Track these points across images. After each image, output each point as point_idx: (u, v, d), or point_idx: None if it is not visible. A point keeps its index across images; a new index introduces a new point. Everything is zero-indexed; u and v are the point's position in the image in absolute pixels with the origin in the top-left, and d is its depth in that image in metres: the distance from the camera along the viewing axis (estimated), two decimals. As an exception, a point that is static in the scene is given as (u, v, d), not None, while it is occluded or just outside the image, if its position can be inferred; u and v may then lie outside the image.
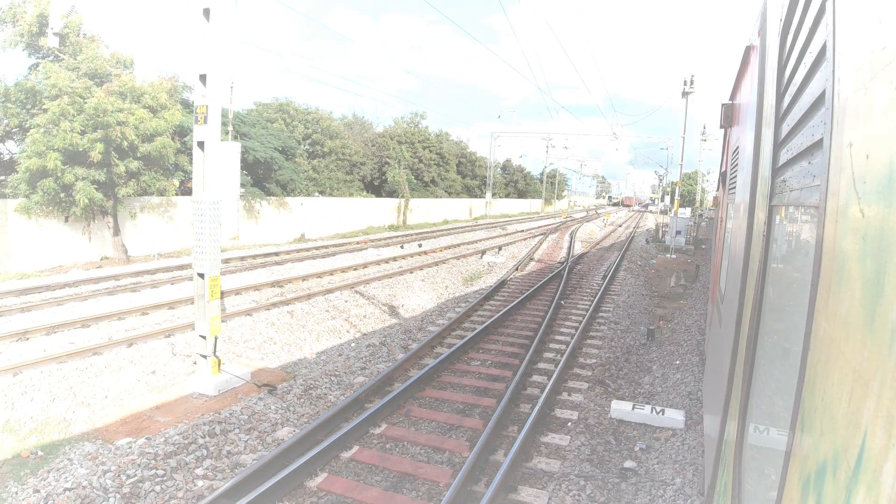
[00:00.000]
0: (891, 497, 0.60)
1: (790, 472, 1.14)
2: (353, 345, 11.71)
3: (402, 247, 26.03)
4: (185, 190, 26.47)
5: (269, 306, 13.35)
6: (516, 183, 67.91)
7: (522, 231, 36.70)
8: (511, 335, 11.67)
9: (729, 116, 6.16)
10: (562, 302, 14.69)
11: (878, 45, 0.80)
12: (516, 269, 20.04)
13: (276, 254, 22.69)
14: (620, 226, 48.99)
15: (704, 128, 43.46)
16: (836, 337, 0.92)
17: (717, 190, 15.28)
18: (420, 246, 26.87)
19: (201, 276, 8.85)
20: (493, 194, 58.14)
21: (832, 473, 0.84)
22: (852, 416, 0.77)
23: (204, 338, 9.03)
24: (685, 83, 25.76)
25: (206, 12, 8.55)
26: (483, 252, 23.73)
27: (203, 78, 8.58)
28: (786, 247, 1.95)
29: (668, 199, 46.42)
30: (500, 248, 25.19)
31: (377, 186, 44.02)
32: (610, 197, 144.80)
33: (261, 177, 29.23)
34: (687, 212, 39.52)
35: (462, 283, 19.04)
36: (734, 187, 4.79)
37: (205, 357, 9.09)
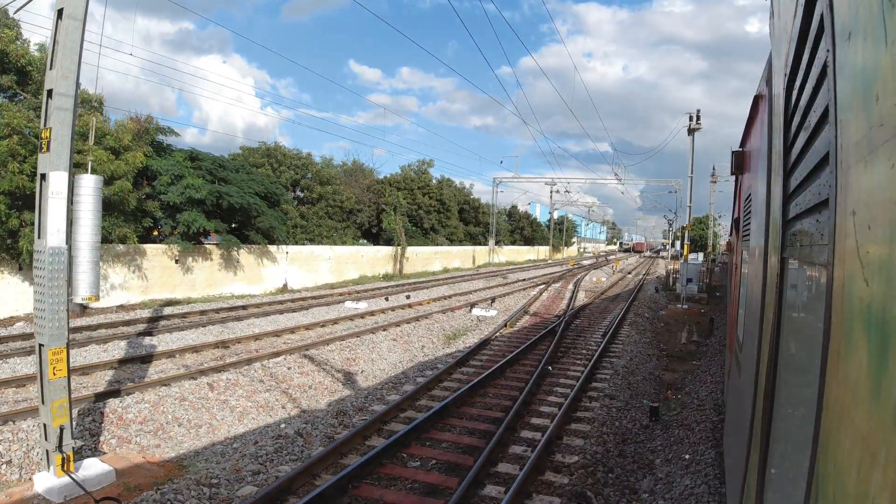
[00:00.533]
0: None
1: None
2: (278, 428, 9.29)
3: (387, 299, 23.72)
4: (156, 237, 24.71)
5: (194, 374, 11.01)
6: (522, 230, 65.78)
7: (524, 280, 34.28)
8: (474, 418, 9.17)
9: (740, 164, 6.19)
10: (549, 368, 12.18)
11: (877, 121, 0.79)
12: (505, 325, 17.57)
13: (245, 307, 20.50)
14: (630, 273, 46.32)
15: (714, 169, 41.34)
16: (847, 403, 0.91)
17: (731, 235, 14.90)
18: (408, 297, 24.58)
19: (41, 346, 6.61)
20: (499, 241, 56.03)
21: None
22: (861, 485, 0.76)
23: (45, 426, 6.72)
24: (691, 119, 23.77)
25: (59, 13, 6.63)
26: (473, 305, 21.31)
27: (49, 93, 6.59)
28: (800, 299, 1.87)
29: (679, 243, 43.92)
30: (492, 301, 22.78)
31: (375, 234, 42.14)
32: (621, 243, 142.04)
33: (240, 224, 27.45)
34: (699, 257, 36.94)
35: (441, 343, 16.60)
36: (748, 234, 4.76)
37: (49, 451, 6.76)
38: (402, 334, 16.42)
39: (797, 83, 1.74)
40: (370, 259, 36.41)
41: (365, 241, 40.55)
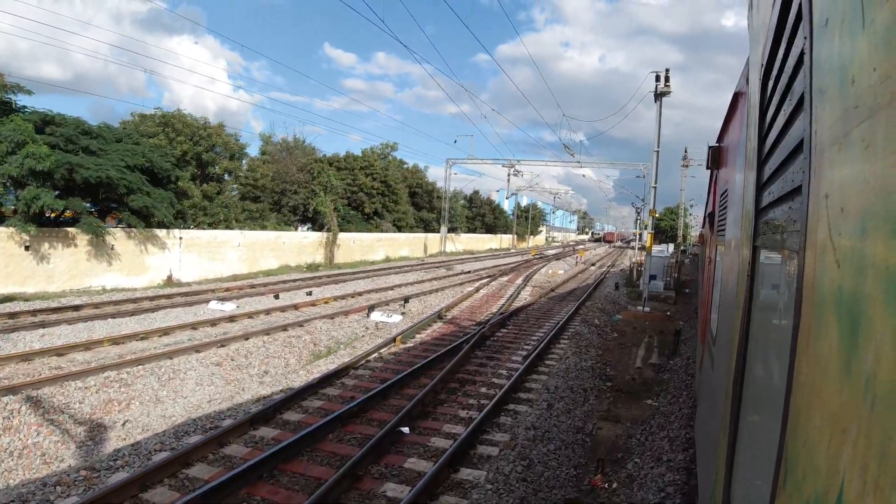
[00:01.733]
0: None
1: None
2: None
3: (277, 297, 18.56)
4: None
5: None
6: (483, 217, 60.64)
7: (468, 273, 29.37)
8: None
9: (717, 159, 6.29)
10: (403, 430, 7.21)
11: (852, 103, 0.80)
12: (395, 341, 12.53)
13: (78, 307, 15.21)
14: (594, 265, 41.71)
15: (686, 152, 36.96)
16: (816, 382, 0.93)
17: (703, 227, 15.38)
18: (309, 294, 19.50)
19: None
20: (455, 229, 51.00)
21: None
22: (832, 461, 0.78)
23: None
24: (658, 80, 18.99)
25: None
26: (373, 308, 16.24)
27: None
28: (771, 286, 1.92)
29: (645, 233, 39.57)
30: (405, 301, 17.75)
31: (312, 219, 36.81)
32: (593, 233, 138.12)
33: (111, 203, 22.02)
34: (667, 248, 32.49)
35: (303, 363, 11.61)
36: (723, 227, 4.76)
37: None
38: (239, 354, 11.33)
39: (773, 73, 1.79)
40: (295, 246, 31.15)
41: (309, 227, 35.30)
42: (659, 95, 19.27)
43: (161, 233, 23.49)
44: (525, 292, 22.35)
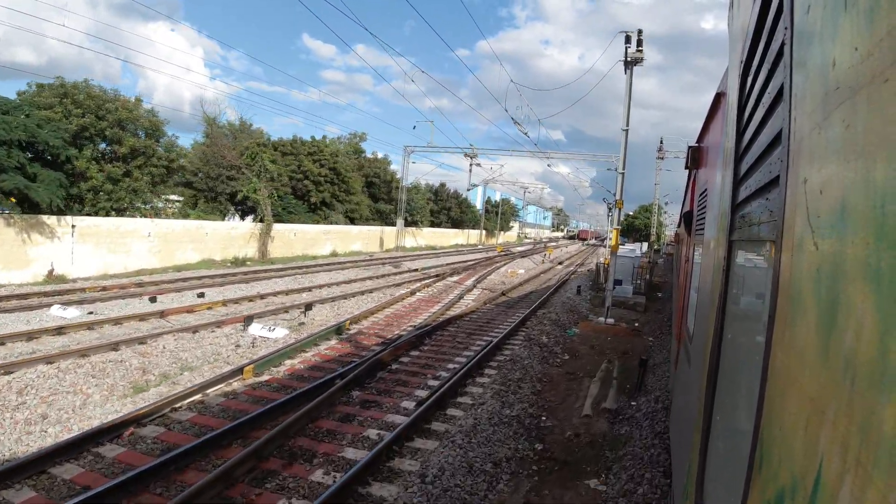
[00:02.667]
0: None
1: (750, 500, 1.12)
2: None
3: (153, 300, 14.72)
4: None
5: None
6: (449, 210, 57.02)
7: (417, 270, 25.78)
8: None
9: (696, 158, 6.36)
10: None
11: (833, 86, 0.82)
12: (241, 372, 8.78)
13: None
14: (561, 263, 38.44)
15: (662, 143, 33.87)
16: (793, 368, 0.94)
17: (679, 227, 15.44)
18: (201, 296, 15.77)
19: None
20: (417, 222, 47.32)
21: (791, 500, 0.85)
22: (809, 444, 0.79)
23: None
24: (628, 42, 15.56)
25: None
26: (251, 319, 12.45)
27: None
28: (746, 279, 1.94)
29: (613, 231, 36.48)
30: (307, 309, 14.03)
31: (253, 209, 32.81)
32: (567, 230, 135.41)
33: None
34: (639, 248, 29.36)
35: (105, 400, 7.92)
36: (702, 227, 4.78)
37: None
38: (12, 388, 7.61)
39: (752, 69, 1.79)
40: (221, 238, 27.20)
41: (252, 218, 31.28)
42: (630, 63, 15.83)
43: (50, 220, 19.48)
44: (470, 296, 18.82)
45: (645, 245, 36.94)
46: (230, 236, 27.86)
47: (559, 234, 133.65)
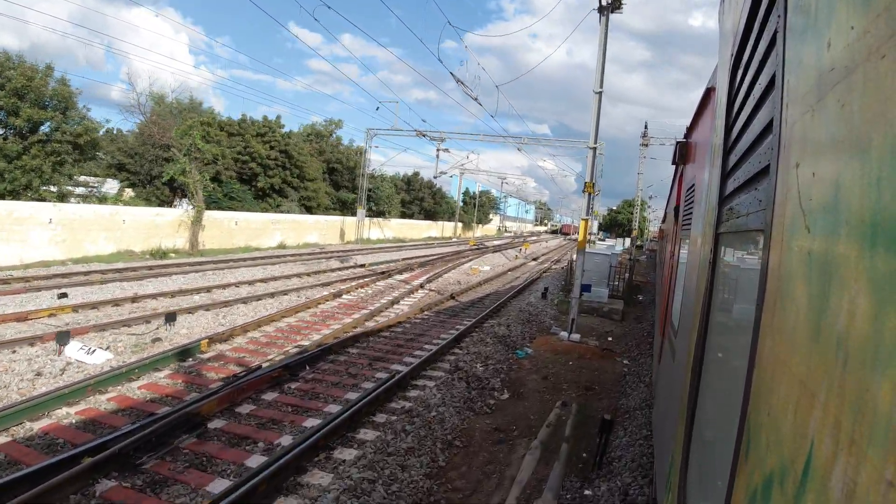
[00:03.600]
0: (839, 499, 0.61)
1: (736, 487, 1.11)
2: None
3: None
4: None
5: None
6: (422, 201, 53.33)
7: (364, 266, 22.22)
8: None
9: (684, 154, 6.17)
10: None
11: (827, 67, 0.81)
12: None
13: None
14: (536, 259, 35.04)
15: (646, 128, 30.48)
16: (782, 353, 0.93)
17: (664, 222, 15.10)
18: (64, 296, 12.15)
19: None
20: (382, 213, 43.64)
21: (779, 485, 0.84)
22: (799, 427, 0.78)
23: None
24: (605, -18, 12.16)
25: None
26: (66, 336, 8.79)
27: None
28: (732, 272, 1.93)
29: (594, 224, 33.77)
30: (168, 320, 10.39)
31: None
32: (551, 224, 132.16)
33: None
34: (622, 243, 26.06)
35: None
36: (688, 223, 4.74)
37: None
38: None
39: (744, 60, 1.78)
40: (143, 226, 23.38)
41: (137, 201, 27.44)
42: (605, 8, 12.38)
43: None
44: (408, 300, 15.30)
45: (628, 241, 33.79)
46: (154, 224, 24.03)
47: (542, 228, 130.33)
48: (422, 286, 17.70)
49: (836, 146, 0.75)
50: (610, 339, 12.84)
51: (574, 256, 24.73)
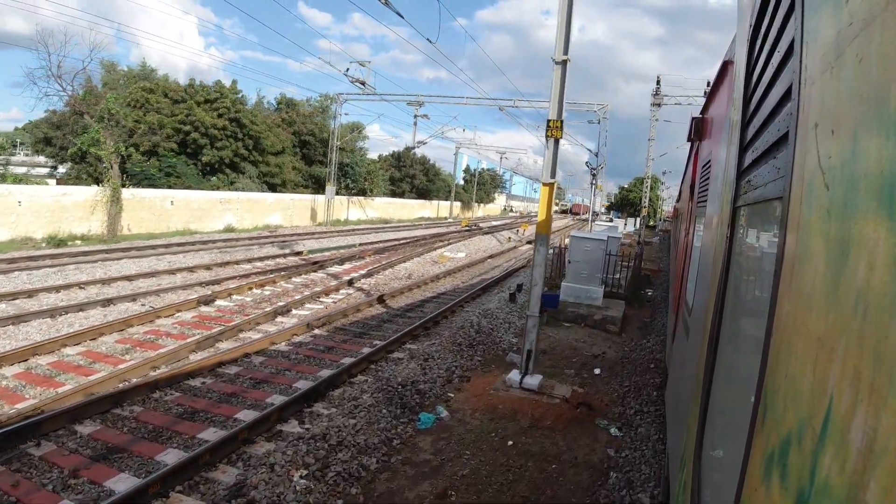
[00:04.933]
0: (859, 450, 0.61)
1: (753, 451, 1.08)
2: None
3: None
4: None
5: None
6: (413, 178, 48.29)
7: (300, 254, 17.57)
8: None
9: (699, 130, 5.97)
10: None
11: (846, 23, 0.80)
12: None
13: None
14: (530, 243, 30.29)
15: (659, 83, 25.23)
16: (800, 314, 0.91)
17: (678, 201, 14.66)
18: None
19: None
20: (364, 191, 38.79)
21: (797, 444, 0.82)
22: (818, 384, 0.77)
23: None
24: None
25: None
26: None
27: None
28: (750, 245, 1.87)
29: (603, 202, 29.10)
30: None
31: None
32: (562, 204, 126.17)
33: None
34: (622, 225, 21.07)
35: None
36: (704, 199, 4.64)
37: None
38: None
39: (762, 29, 1.73)
40: (45, 208, 18.86)
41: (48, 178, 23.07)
42: None
43: None
44: (310, 307, 10.56)
45: (636, 221, 28.84)
46: (60, 206, 19.49)
47: (555, 207, 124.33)
48: (351, 283, 12.99)
49: (855, 101, 0.74)
50: (596, 371, 8.04)
51: (566, 241, 19.32)
